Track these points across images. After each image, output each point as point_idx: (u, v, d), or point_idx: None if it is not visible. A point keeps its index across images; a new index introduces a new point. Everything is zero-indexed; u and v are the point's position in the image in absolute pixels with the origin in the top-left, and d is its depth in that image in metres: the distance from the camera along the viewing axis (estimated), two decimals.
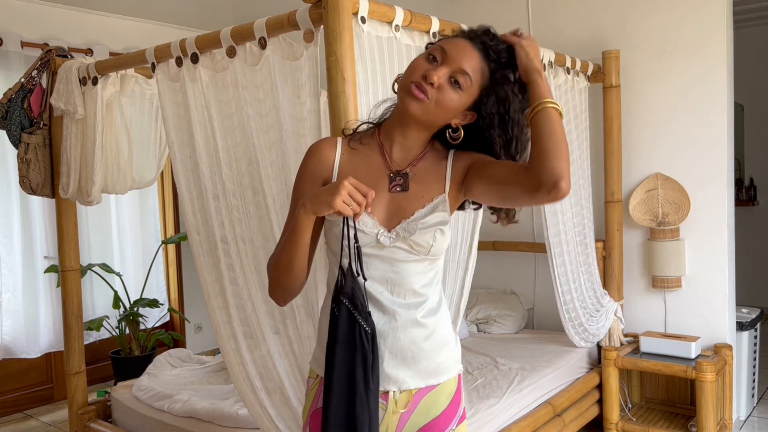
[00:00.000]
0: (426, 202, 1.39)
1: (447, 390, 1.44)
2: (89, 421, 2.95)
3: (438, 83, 1.31)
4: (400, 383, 1.39)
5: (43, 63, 2.83)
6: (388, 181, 1.41)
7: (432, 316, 1.42)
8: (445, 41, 1.37)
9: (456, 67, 1.32)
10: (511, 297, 3.91)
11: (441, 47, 1.35)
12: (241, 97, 2.09)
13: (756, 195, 6.00)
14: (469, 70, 1.33)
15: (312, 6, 1.86)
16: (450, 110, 1.35)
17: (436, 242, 1.37)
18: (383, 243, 1.37)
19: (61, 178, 2.82)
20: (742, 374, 3.59)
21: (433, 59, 1.34)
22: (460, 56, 1.33)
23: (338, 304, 1.33)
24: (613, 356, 3.27)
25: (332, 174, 1.42)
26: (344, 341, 1.31)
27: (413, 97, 1.32)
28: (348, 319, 1.32)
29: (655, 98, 3.46)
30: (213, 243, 2.23)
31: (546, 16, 3.77)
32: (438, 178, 1.42)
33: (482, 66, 1.35)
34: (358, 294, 1.33)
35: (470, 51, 1.34)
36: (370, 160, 1.43)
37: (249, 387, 2.23)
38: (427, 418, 1.41)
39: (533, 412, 2.87)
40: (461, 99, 1.34)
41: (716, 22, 3.28)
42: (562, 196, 1.26)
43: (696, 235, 3.39)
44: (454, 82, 1.33)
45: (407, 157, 1.42)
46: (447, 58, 1.33)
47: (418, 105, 1.33)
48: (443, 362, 1.43)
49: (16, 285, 4.12)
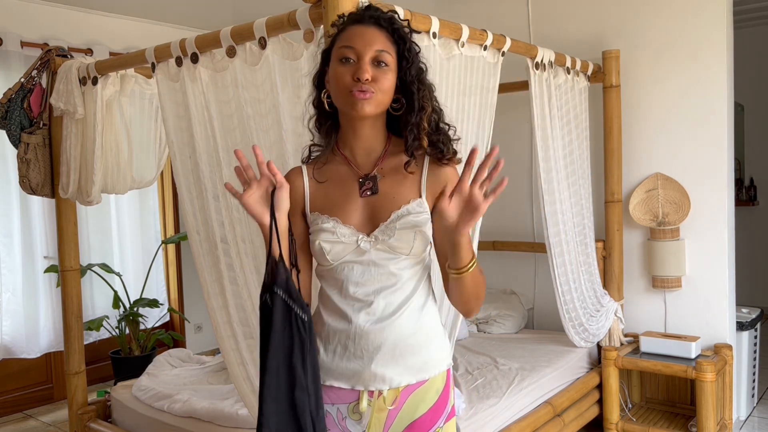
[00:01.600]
0: (402, 203, 1.41)
1: (435, 386, 1.44)
2: (89, 421, 2.95)
3: (370, 75, 1.34)
4: (389, 381, 1.39)
5: (43, 63, 2.83)
6: (359, 187, 1.43)
7: (418, 311, 1.43)
8: (345, 40, 1.38)
9: (372, 52, 1.35)
10: (511, 297, 3.91)
11: (345, 47, 1.36)
12: (241, 97, 2.09)
13: (756, 195, 6.00)
14: (381, 46, 1.36)
15: (312, 6, 1.86)
16: (391, 90, 1.39)
17: (416, 243, 1.39)
18: (363, 248, 1.39)
19: (61, 178, 2.82)
20: (742, 374, 3.59)
21: (347, 60, 1.36)
22: (365, 41, 1.35)
23: (272, 295, 1.33)
24: (613, 356, 3.27)
25: (305, 201, 1.46)
26: (280, 329, 1.32)
27: (361, 100, 1.34)
28: (283, 308, 1.32)
29: (655, 98, 3.46)
30: (213, 243, 2.23)
31: (546, 15, 3.77)
32: (410, 180, 1.43)
33: (385, 37, 1.38)
34: (291, 284, 1.34)
35: (369, 31, 1.37)
36: (337, 174, 1.46)
37: (249, 387, 2.23)
38: (414, 415, 1.42)
39: (533, 412, 2.87)
40: (393, 74, 1.38)
41: (716, 22, 3.28)
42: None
43: (696, 235, 3.39)
44: (378, 64, 1.36)
45: (371, 159, 1.45)
46: (358, 51, 1.35)
47: (368, 103, 1.35)
48: (431, 357, 1.44)
49: (16, 285, 4.12)
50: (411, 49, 1.40)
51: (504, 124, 3.30)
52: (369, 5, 1.42)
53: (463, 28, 2.28)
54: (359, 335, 1.38)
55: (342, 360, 1.40)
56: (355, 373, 1.39)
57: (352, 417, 1.42)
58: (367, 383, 1.39)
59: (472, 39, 2.34)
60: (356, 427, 1.42)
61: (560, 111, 3.10)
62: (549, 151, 2.99)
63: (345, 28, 1.40)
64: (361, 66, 1.34)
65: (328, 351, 1.42)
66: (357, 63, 1.35)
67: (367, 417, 1.41)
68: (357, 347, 1.38)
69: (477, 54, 2.40)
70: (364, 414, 1.41)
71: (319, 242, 1.39)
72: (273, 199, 1.34)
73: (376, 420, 1.41)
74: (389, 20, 1.39)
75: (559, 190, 3.07)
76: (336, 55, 1.38)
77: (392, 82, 1.38)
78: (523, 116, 3.56)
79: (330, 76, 1.39)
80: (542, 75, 2.89)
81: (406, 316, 1.40)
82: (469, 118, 2.38)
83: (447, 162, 1.44)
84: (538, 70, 2.85)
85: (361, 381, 1.39)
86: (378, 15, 1.39)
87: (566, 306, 3.17)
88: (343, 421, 1.42)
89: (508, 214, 3.96)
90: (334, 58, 1.38)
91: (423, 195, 1.42)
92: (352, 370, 1.39)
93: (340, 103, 1.39)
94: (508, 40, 2.54)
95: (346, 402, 1.42)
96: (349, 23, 1.40)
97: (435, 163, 1.45)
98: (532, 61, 2.81)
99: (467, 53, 2.34)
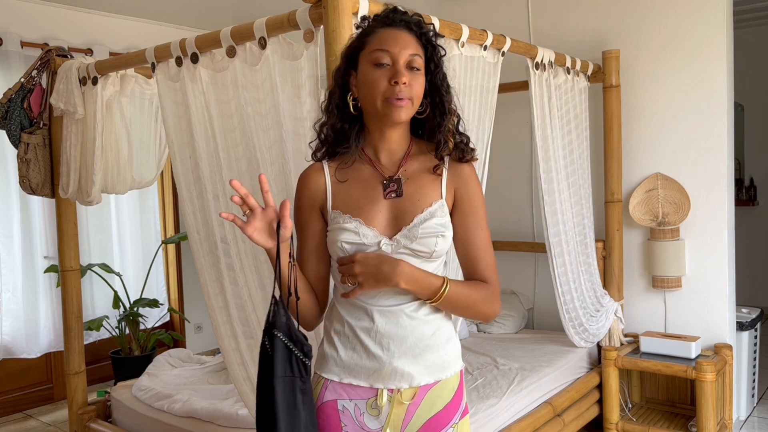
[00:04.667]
0: (424, 206, 1.41)
1: (450, 384, 1.46)
2: (89, 421, 2.95)
3: (407, 81, 1.35)
4: (408, 379, 1.41)
5: (43, 63, 2.83)
6: (383, 189, 1.43)
7: (437, 311, 1.45)
8: (377, 42, 1.38)
9: (406, 56, 1.36)
10: (511, 297, 3.91)
11: (380, 51, 1.36)
12: (241, 97, 2.09)
13: (756, 195, 6.00)
14: (414, 50, 1.37)
15: (312, 6, 1.86)
16: (422, 94, 1.40)
17: (438, 246, 1.40)
18: (385, 251, 1.39)
19: (61, 178, 2.82)
20: (742, 374, 3.59)
21: (382, 65, 1.36)
22: (400, 45, 1.36)
23: (271, 338, 1.34)
24: (613, 356, 3.27)
25: (327, 198, 1.46)
26: (282, 374, 1.32)
27: (399, 107, 1.35)
28: (284, 351, 1.33)
29: (655, 98, 3.46)
30: (213, 243, 2.23)
31: (546, 16, 3.77)
32: (433, 181, 1.44)
33: (416, 41, 1.39)
34: (292, 325, 1.35)
35: (402, 34, 1.38)
36: (360, 174, 1.46)
37: (249, 387, 2.23)
38: (432, 411, 1.44)
39: (533, 412, 2.87)
40: (423, 78, 1.40)
41: (716, 22, 3.28)
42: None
43: (696, 235, 3.39)
44: (411, 69, 1.37)
45: (393, 161, 1.46)
46: (393, 55, 1.36)
47: (405, 111, 1.37)
48: (449, 357, 1.46)
49: (16, 285, 4.12)
50: (438, 53, 1.41)
51: (504, 124, 3.31)
52: (395, 8, 1.42)
53: (463, 28, 2.28)
54: (381, 334, 1.39)
55: (361, 358, 1.42)
56: (374, 371, 1.41)
57: (370, 413, 1.43)
58: (387, 381, 1.41)
59: (472, 39, 2.34)
60: (374, 423, 1.43)
61: (560, 111, 3.10)
62: (549, 151, 2.99)
63: (374, 31, 1.40)
64: (398, 69, 1.35)
65: (347, 348, 1.43)
66: (393, 67, 1.35)
67: (386, 413, 1.42)
68: (378, 346, 1.40)
69: (477, 54, 2.40)
70: (382, 409, 1.42)
71: (340, 242, 1.40)
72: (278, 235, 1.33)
73: (395, 416, 1.42)
74: (418, 24, 1.40)
75: (559, 190, 3.07)
76: (369, 59, 1.37)
77: (423, 87, 1.39)
78: (523, 116, 3.56)
79: (361, 79, 1.39)
80: (542, 75, 2.89)
81: (426, 316, 1.42)
82: (469, 118, 2.38)
83: (467, 161, 1.47)
84: (538, 70, 2.85)
85: (381, 379, 1.41)
86: (408, 19, 1.39)
87: (566, 306, 3.17)
88: (360, 417, 1.44)
89: (508, 214, 3.96)
90: (367, 61, 1.38)
91: (443, 196, 1.44)
92: (371, 368, 1.41)
93: (374, 108, 1.38)
94: (508, 40, 2.54)
95: (365, 398, 1.43)
96: (379, 26, 1.40)
97: (454, 161, 1.47)
98: (532, 61, 2.81)
99: (467, 53, 2.34)
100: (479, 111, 2.45)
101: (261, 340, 1.36)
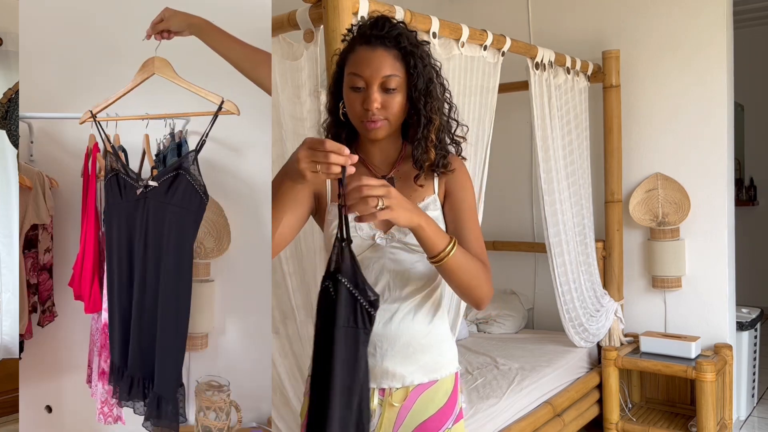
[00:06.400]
0: (417, 201, 1.41)
1: (444, 387, 1.45)
2: None
3: (379, 104, 1.33)
4: (400, 378, 1.40)
5: None
6: None
7: (432, 312, 1.44)
8: (352, 64, 1.35)
9: (379, 79, 1.33)
10: (511, 297, 3.91)
11: (354, 75, 1.34)
12: None
13: (756, 195, 6.01)
14: (389, 71, 1.33)
15: (312, 6, 1.86)
16: (401, 110, 1.37)
17: None
18: (380, 244, 1.40)
19: None
20: (742, 374, 3.59)
21: (357, 89, 1.34)
22: (372, 69, 1.33)
23: (335, 283, 1.22)
24: (613, 356, 3.27)
25: (326, 191, 1.46)
26: (345, 324, 1.22)
27: (374, 129, 1.35)
28: (349, 299, 1.22)
29: (655, 98, 3.46)
30: None
31: (546, 16, 3.77)
32: (425, 178, 1.44)
33: (393, 57, 1.34)
34: (358, 271, 1.24)
35: (376, 55, 1.33)
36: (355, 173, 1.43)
37: None
38: (424, 415, 1.42)
39: (533, 412, 2.87)
40: (401, 95, 1.36)
41: (716, 22, 3.28)
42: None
43: (696, 235, 3.39)
44: (386, 90, 1.33)
45: (388, 162, 1.45)
46: (366, 79, 1.33)
47: (380, 130, 1.36)
48: (443, 358, 1.45)
49: (16, 285, 4.12)
50: (417, 64, 1.36)
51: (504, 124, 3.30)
52: (375, 21, 1.38)
53: (463, 28, 2.28)
54: (373, 333, 1.34)
55: None
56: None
57: None
58: (379, 380, 1.40)
59: (472, 39, 2.34)
60: None
61: (560, 111, 3.10)
62: (549, 151, 2.99)
63: (353, 48, 1.37)
64: (369, 95, 1.33)
65: None
66: (366, 90, 1.33)
67: (377, 415, 1.41)
68: (370, 344, 1.35)
69: (477, 54, 2.40)
70: (374, 412, 1.40)
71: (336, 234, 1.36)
72: (343, 177, 1.20)
73: (386, 420, 1.41)
74: (395, 39, 1.35)
75: (559, 190, 3.07)
76: (346, 82, 1.37)
77: (402, 104, 1.36)
78: (523, 116, 3.56)
79: (344, 97, 1.39)
80: (542, 75, 2.89)
81: (420, 315, 1.42)
82: (469, 118, 2.38)
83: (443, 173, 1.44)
84: (538, 70, 2.85)
85: (373, 378, 1.39)
86: (383, 35, 1.35)
87: (566, 306, 3.17)
88: None
89: (508, 214, 3.95)
90: (345, 83, 1.37)
91: (436, 191, 1.44)
92: None
93: (355, 125, 1.39)
94: (508, 40, 2.54)
95: None
96: (357, 43, 1.37)
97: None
98: (532, 61, 2.81)
99: (467, 53, 2.34)
100: (479, 111, 2.45)
101: (322, 285, 1.26)
